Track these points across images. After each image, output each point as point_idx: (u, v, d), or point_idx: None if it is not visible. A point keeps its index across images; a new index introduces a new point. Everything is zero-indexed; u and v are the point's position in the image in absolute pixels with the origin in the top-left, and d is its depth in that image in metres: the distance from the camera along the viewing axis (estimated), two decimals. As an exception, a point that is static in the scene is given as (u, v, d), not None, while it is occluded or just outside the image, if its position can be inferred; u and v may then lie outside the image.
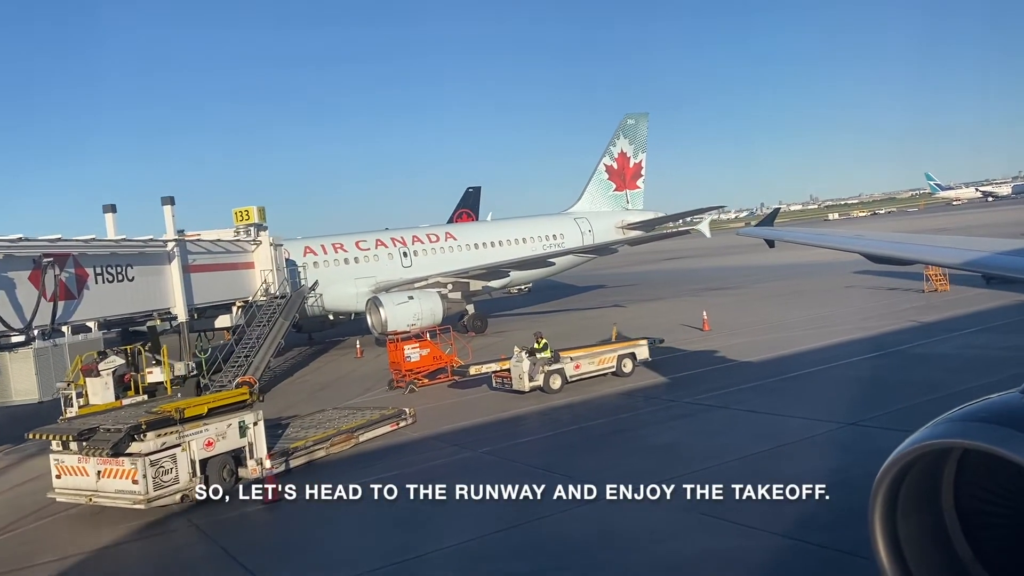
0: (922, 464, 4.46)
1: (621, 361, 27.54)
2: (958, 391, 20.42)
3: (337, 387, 32.35)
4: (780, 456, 17.17)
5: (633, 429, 21.04)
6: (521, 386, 25.77)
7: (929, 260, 13.16)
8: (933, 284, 41.64)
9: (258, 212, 38.67)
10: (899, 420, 18.67)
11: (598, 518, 14.76)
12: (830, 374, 24.98)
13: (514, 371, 26.16)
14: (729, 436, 19.31)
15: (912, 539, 4.52)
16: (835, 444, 17.61)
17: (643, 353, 28.35)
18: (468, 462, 19.17)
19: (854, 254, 14.78)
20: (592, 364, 27.11)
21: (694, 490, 15.34)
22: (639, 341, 28.89)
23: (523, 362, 25.87)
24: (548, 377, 25.86)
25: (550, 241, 50.95)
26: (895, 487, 4.51)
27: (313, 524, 16.44)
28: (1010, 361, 23.56)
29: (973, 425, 4.27)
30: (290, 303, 35.82)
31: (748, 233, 22.61)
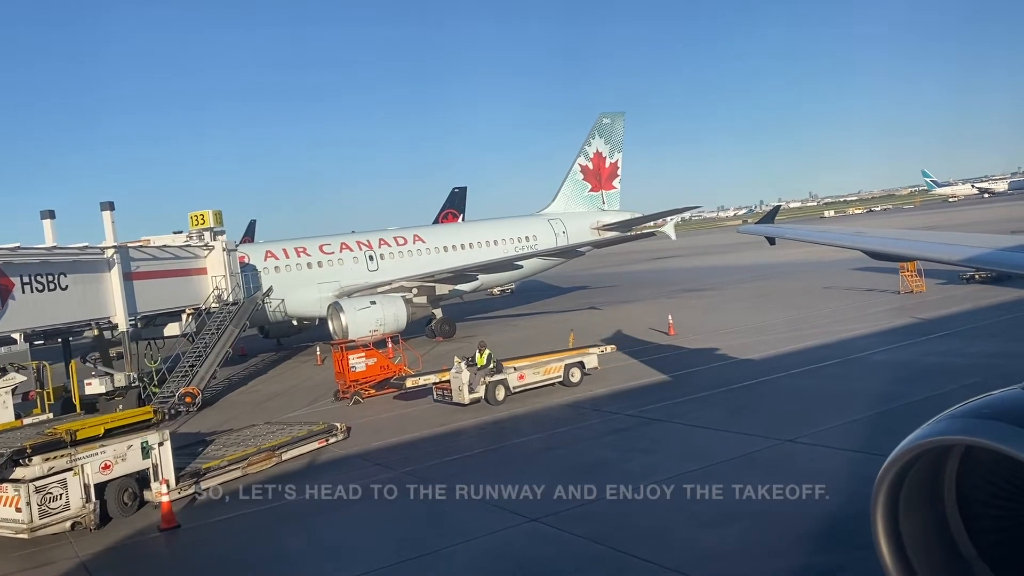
0: (924, 461, 4.39)
1: (568, 370, 26.45)
2: (903, 404, 19.54)
3: (286, 397, 31.31)
4: (707, 477, 16.09)
5: (567, 445, 19.99)
6: (461, 398, 24.70)
7: (929, 257, 12.86)
8: (909, 285, 40.61)
9: (214, 216, 37.66)
10: (837, 437, 17.70)
11: (492, 550, 13.74)
12: (781, 384, 23.93)
13: (453, 383, 25.03)
14: (660, 454, 18.29)
15: (915, 536, 4.45)
16: (765, 464, 16.55)
17: (592, 362, 27.28)
18: (381, 486, 18.10)
19: (854, 251, 14.52)
20: (537, 374, 26.01)
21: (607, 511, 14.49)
22: (588, 349, 27.80)
23: (463, 373, 24.75)
24: (490, 388, 24.79)
25: (522, 243, 49.84)
26: (897, 485, 4.44)
27: (204, 556, 15.46)
28: (967, 370, 22.52)
29: (975, 422, 4.19)
30: (241, 310, 34.80)
31: (748, 231, 21.92)
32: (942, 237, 13.37)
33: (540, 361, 26.76)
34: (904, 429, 15.55)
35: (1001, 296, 35.80)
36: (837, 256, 42.98)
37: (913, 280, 40.67)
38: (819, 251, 62.23)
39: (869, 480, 14.27)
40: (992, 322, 29.91)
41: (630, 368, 28.95)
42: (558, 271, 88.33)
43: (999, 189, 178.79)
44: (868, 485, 13.97)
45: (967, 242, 12.02)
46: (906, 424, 16.04)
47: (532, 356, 27.64)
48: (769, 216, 24.08)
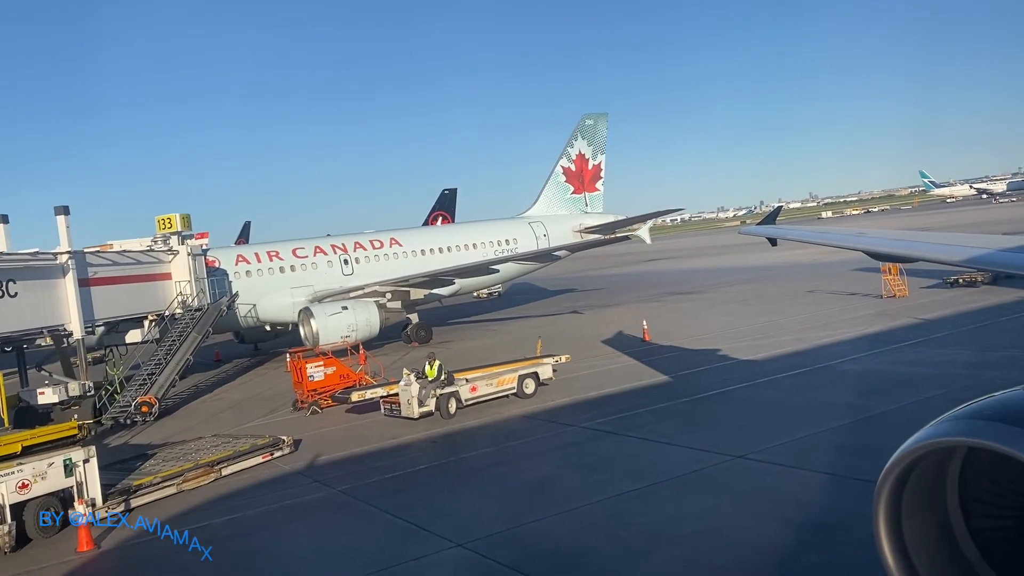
0: (926, 462, 4.37)
1: (523, 382, 25.64)
2: (860, 419, 18.90)
3: (246, 406, 30.58)
4: (646, 498, 15.38)
5: (513, 461, 19.24)
6: (410, 412, 23.69)
7: (930, 258, 12.41)
8: (891, 289, 39.84)
9: (181, 220, 36.98)
10: (786, 453, 16.96)
11: None
12: (743, 395, 23.18)
13: (402, 396, 24.00)
14: (605, 471, 17.52)
15: (917, 538, 4.45)
16: (708, 484, 15.81)
17: (546, 372, 26.48)
18: (313, 505, 17.41)
19: (855, 252, 14.30)
20: (490, 386, 25.14)
21: (535, 536, 13.77)
22: (542, 360, 26.98)
23: (412, 386, 23.76)
24: (442, 401, 23.89)
25: (502, 246, 49.06)
26: (899, 486, 4.42)
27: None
28: (932, 381, 21.77)
29: (978, 423, 4.18)
30: (205, 317, 34.07)
31: (750, 232, 21.51)
32: (942, 238, 13.25)
33: (493, 372, 25.88)
34: (856, 446, 14.85)
35: (983, 301, 35.08)
36: (837, 257, 42.27)
37: (895, 284, 39.91)
38: (820, 252, 61.79)
39: (809, 505, 13.50)
40: (968, 329, 29.14)
41: (595, 376, 28.21)
42: (548, 273, 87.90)
43: (997, 190, 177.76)
44: (807, 510, 13.19)
45: (967, 243, 11.96)
46: (859, 440, 15.35)
47: (485, 367, 26.81)
48: (771, 217, 23.42)
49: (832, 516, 13.32)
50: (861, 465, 15.55)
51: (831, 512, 13.54)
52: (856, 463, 15.75)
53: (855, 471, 15.19)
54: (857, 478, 14.87)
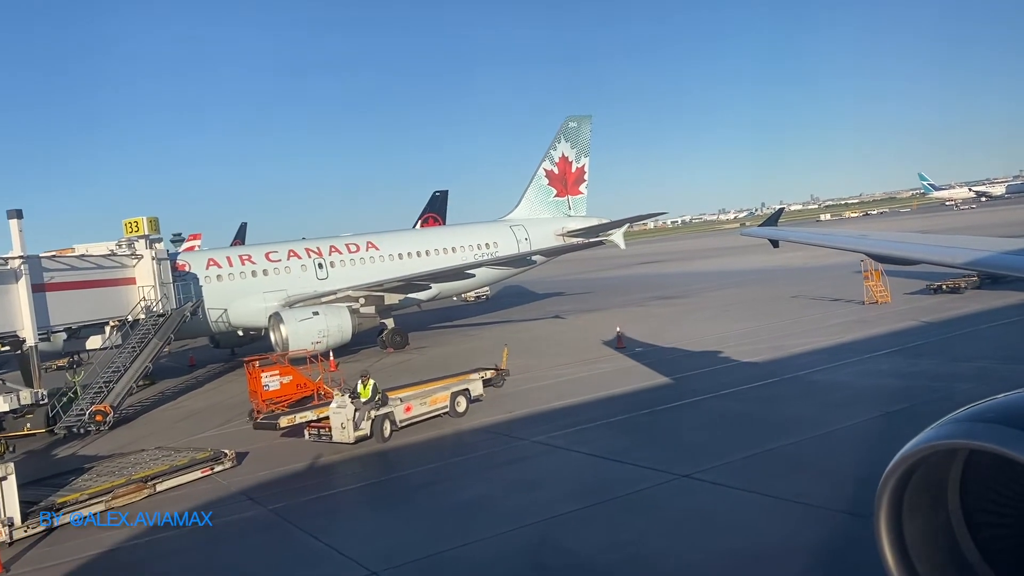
0: (928, 465, 4.35)
1: (455, 399, 24.22)
2: (818, 435, 18.17)
3: (205, 416, 29.79)
4: (580, 521, 14.60)
5: (452, 479, 18.44)
6: (344, 437, 21.70)
7: (932, 260, 12.21)
8: (873, 295, 39.00)
9: (148, 223, 36.24)
10: (735, 473, 16.16)
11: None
12: (706, 406, 22.38)
13: (334, 419, 21.95)
14: (545, 490, 16.74)
15: (918, 540, 4.44)
16: (645, 506, 15.04)
17: (477, 389, 25.20)
18: (237, 526, 16.61)
19: (856, 254, 13.53)
20: (424, 405, 23.61)
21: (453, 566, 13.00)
22: (470, 375, 25.80)
23: (346, 408, 21.83)
24: (376, 424, 21.98)
25: (482, 250, 48.26)
26: (900, 488, 4.40)
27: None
28: (900, 393, 20.97)
29: (979, 426, 4.17)
30: (167, 323, 33.29)
31: (752, 233, 21.15)
32: (944, 240, 13.12)
33: (426, 390, 24.62)
34: (807, 465, 13.94)
35: (964, 308, 34.25)
36: (836, 260, 41.42)
37: (878, 290, 39.07)
38: (819, 255, 60.94)
39: (741, 531, 12.64)
40: (944, 338, 28.33)
41: (560, 386, 27.46)
42: (537, 276, 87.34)
43: (997, 192, 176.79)
44: (739, 537, 12.37)
45: (970, 245, 11.83)
46: (811, 459, 14.48)
47: (418, 384, 25.66)
48: (772, 219, 23.25)
49: (763, 544, 12.54)
50: (807, 488, 14.82)
51: (763, 539, 12.76)
52: (802, 485, 14.98)
53: (799, 494, 14.40)
54: (799, 502, 14.11)
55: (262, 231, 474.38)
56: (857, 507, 13.42)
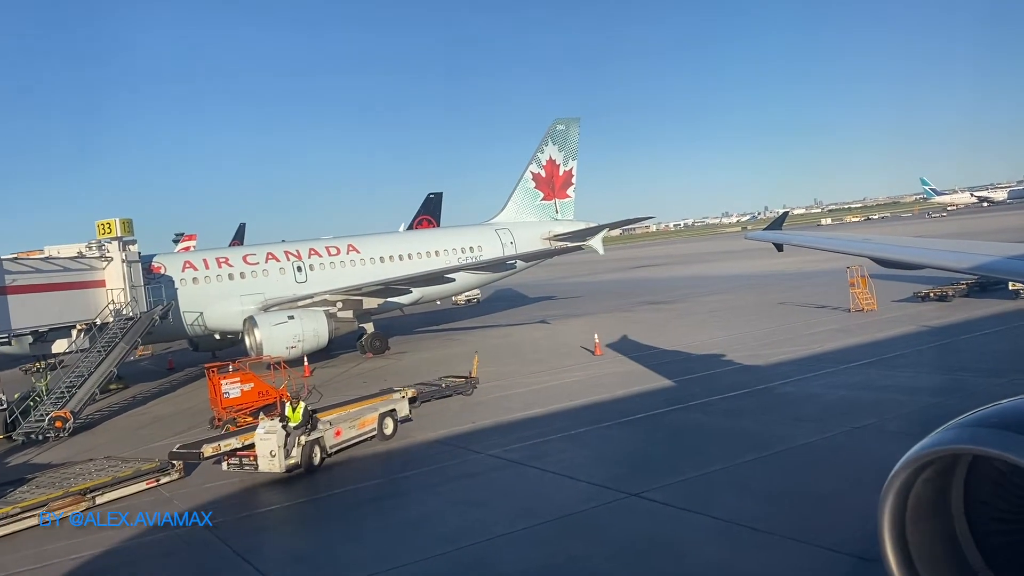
0: (932, 470, 4.33)
1: (382, 421, 22.50)
2: (783, 451, 17.41)
3: (169, 422, 29.12)
4: (518, 543, 13.92)
5: (401, 494, 17.78)
6: (272, 467, 19.30)
7: (936, 264, 12.20)
8: (859, 303, 38.30)
9: (121, 225, 35.57)
10: (687, 492, 15.50)
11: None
12: (670, 419, 21.69)
13: (262, 447, 19.51)
14: (491, 508, 16.08)
15: (921, 545, 4.39)
16: (590, 527, 14.35)
17: (403, 409, 23.50)
18: (168, 544, 15.91)
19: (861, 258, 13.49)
20: (353, 428, 21.64)
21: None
22: (393, 395, 24.04)
23: (275, 434, 19.47)
24: (306, 450, 19.77)
25: (466, 254, 47.56)
26: (904, 493, 4.38)
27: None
28: (871, 407, 20.25)
29: (983, 431, 4.11)
30: (136, 326, 32.64)
31: (756, 237, 20.86)
32: (950, 245, 13.00)
33: (352, 412, 22.67)
34: (762, 486, 13.21)
35: (948, 317, 33.55)
36: (837, 264, 40.66)
37: (863, 297, 38.36)
38: (819, 260, 60.43)
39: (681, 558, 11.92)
40: (923, 348, 27.63)
41: (530, 395, 26.80)
42: (530, 279, 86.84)
43: (998, 198, 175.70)
44: (679, 565, 11.65)
45: (975, 250, 11.77)
46: (768, 479, 13.75)
47: (345, 404, 23.86)
48: (777, 223, 23.14)
49: (696, 573, 11.87)
50: (757, 510, 14.15)
51: (697, 567, 12.09)
52: (753, 507, 14.30)
53: (748, 517, 13.71)
54: (747, 525, 13.41)
55: (261, 232, 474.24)
56: (802, 534, 12.77)
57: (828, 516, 13.51)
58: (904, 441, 15.18)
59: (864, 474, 15.48)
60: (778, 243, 18.48)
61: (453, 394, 27.62)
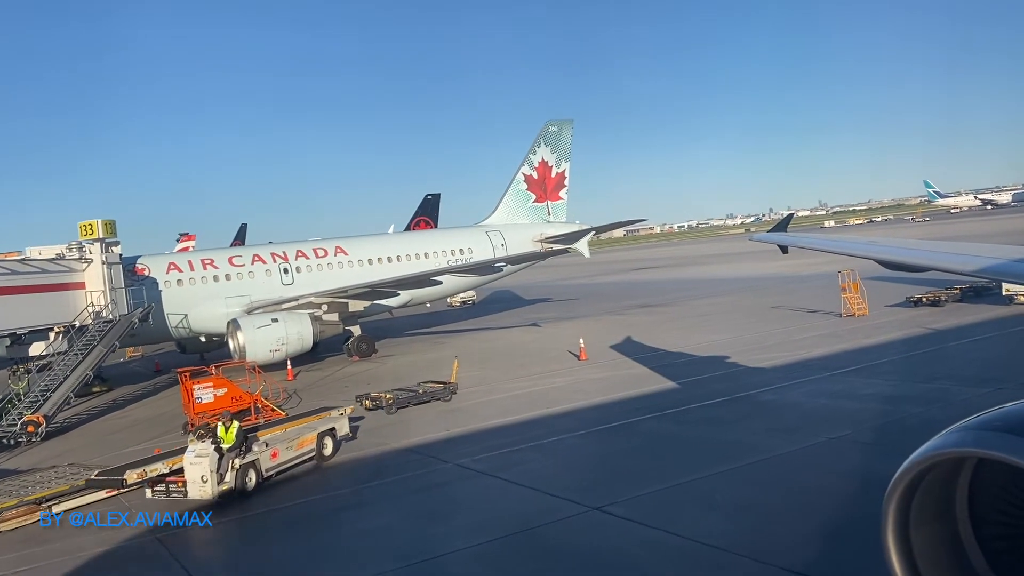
0: (936, 473, 4.29)
1: (322, 440, 20.75)
2: (755, 463, 16.94)
3: (144, 427, 28.72)
4: (468, 563, 13.45)
5: (361, 506, 17.31)
6: (203, 493, 17.55)
7: (941, 267, 12.07)
8: (851, 308, 37.74)
9: (103, 226, 35.18)
10: (650, 506, 15.04)
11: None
12: (645, 428, 21.17)
13: (192, 472, 17.73)
14: (450, 522, 15.60)
15: (925, 549, 4.37)
16: (547, 544, 13.86)
17: (343, 427, 22.04)
18: (118, 556, 15.47)
19: (866, 261, 13.85)
20: (290, 449, 19.72)
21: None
22: (331, 412, 22.40)
23: (207, 458, 17.73)
24: (241, 474, 18.08)
25: (456, 256, 47.09)
26: (908, 496, 4.33)
27: None
28: (849, 417, 19.78)
29: (987, 434, 4.09)
30: (113, 330, 32.23)
31: (761, 239, 20.63)
32: (955, 247, 12.86)
33: (291, 431, 21.00)
34: (727, 499, 12.74)
35: (939, 322, 32.99)
36: (834, 268, 40.22)
37: (855, 302, 37.81)
38: (817, 263, 60.08)
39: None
40: (909, 355, 27.08)
41: (507, 402, 26.34)
42: (528, 280, 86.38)
43: (1003, 201, 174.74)
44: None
45: (980, 252, 11.62)
46: (734, 492, 13.27)
47: (284, 423, 22.41)
48: (782, 224, 22.95)
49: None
50: (717, 526, 13.66)
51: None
52: (714, 523, 13.81)
53: (705, 533, 13.23)
54: (704, 543, 12.92)
55: (263, 232, 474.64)
56: (759, 553, 12.27)
57: (788, 535, 13.02)
58: (877, 453, 14.75)
59: (831, 488, 15.04)
60: (783, 245, 18.31)
61: (431, 400, 27.17)
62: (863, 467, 15.55)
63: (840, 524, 12.88)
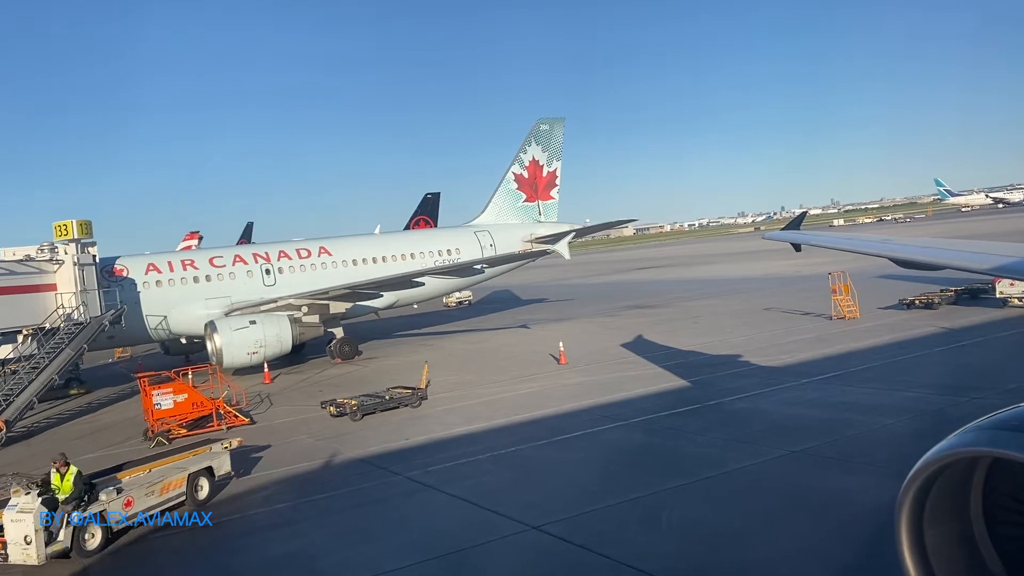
0: (950, 472, 4.25)
1: (195, 483, 17.79)
2: (711, 477, 16.18)
3: (109, 433, 28.12)
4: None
5: (299, 521, 16.49)
6: (26, 558, 14.43)
7: (957, 265, 11.84)
8: (841, 310, 36.78)
9: (79, 226, 34.70)
10: (590, 526, 14.26)
11: None
12: (606, 437, 20.38)
13: (13, 531, 14.62)
14: (385, 540, 14.88)
15: (939, 548, 4.33)
16: (476, 566, 13.12)
17: (224, 466, 19.04)
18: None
19: (880, 259, 13.80)
20: (151, 495, 16.67)
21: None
22: (211, 447, 19.47)
23: (30, 513, 14.61)
24: (78, 533, 15.02)
25: (443, 256, 46.39)
26: (922, 495, 4.30)
27: None
28: (817, 428, 18.92)
29: (1003, 434, 4.05)
30: (82, 333, 31.66)
31: (774, 237, 20.27)
32: (970, 246, 12.61)
33: (154, 472, 17.79)
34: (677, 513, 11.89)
35: (929, 327, 31.92)
36: (846, 266, 39.38)
37: (845, 305, 36.84)
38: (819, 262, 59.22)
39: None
40: (892, 362, 26.04)
41: (476, 408, 25.58)
42: (526, 280, 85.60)
43: (1014, 199, 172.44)
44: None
45: (996, 251, 11.42)
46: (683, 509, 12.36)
47: (147, 462, 18.85)
48: (795, 223, 22.63)
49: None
50: (654, 548, 12.85)
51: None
52: (652, 545, 13.01)
53: (643, 558, 12.41)
54: (635, 567, 12.11)
55: (269, 231, 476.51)
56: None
57: (728, 560, 12.20)
58: (834, 470, 13.78)
59: (779, 508, 14.21)
60: (796, 243, 18.10)
61: (400, 406, 26.45)
62: (818, 483, 14.75)
63: (770, 554, 12.11)
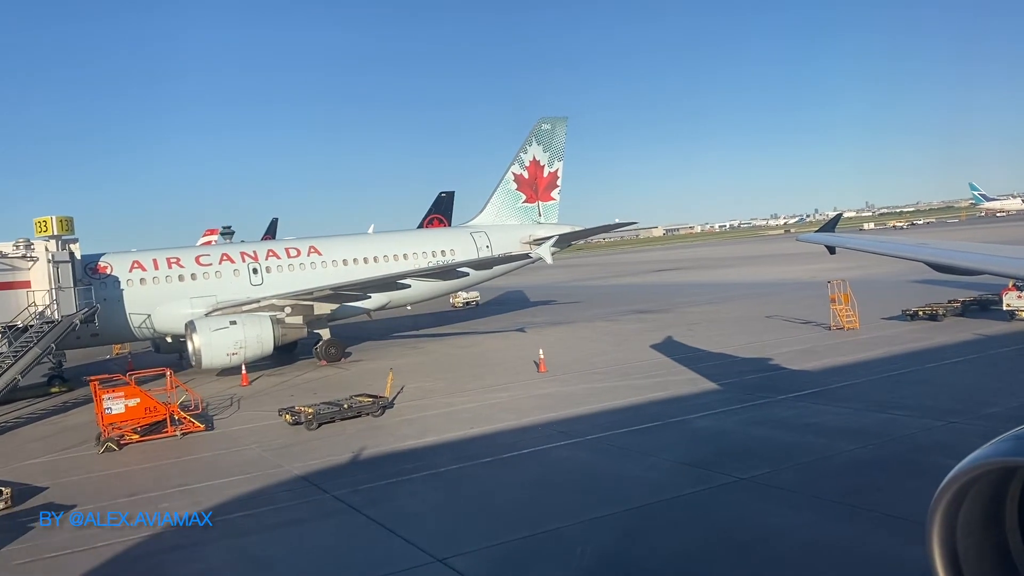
0: (985, 482, 4.20)
1: None
2: (650, 504, 15.15)
3: (69, 435, 27.43)
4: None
5: (190, 546, 15.26)
6: None
7: (995, 271, 11.50)
8: (840, 321, 35.21)
9: (59, 223, 34.31)
10: (500, 560, 13.19)
11: None
12: (553, 456, 19.24)
13: None
14: (281, 570, 13.87)
15: (972, 558, 4.28)
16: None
17: None
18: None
19: (915, 263, 13.51)
20: None
21: None
22: None
23: None
24: None
25: (437, 257, 45.40)
26: (955, 505, 4.25)
27: None
28: (779, 451, 17.70)
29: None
30: (52, 331, 31.10)
31: (808, 239, 19.92)
32: (1008, 251, 12.19)
33: None
34: (593, 547, 10.00)
35: (927, 340, 30.38)
36: (854, 275, 38.08)
37: (844, 315, 35.26)
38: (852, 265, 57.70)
39: None
40: (877, 378, 24.53)
41: (435, 420, 24.60)
42: (538, 281, 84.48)
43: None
44: None
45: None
46: (600, 542, 10.08)
47: None
48: (830, 224, 22.35)
49: None
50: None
51: None
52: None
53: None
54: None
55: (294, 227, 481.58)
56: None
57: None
58: (776, 502, 12.41)
59: (702, 545, 12.99)
60: (831, 246, 17.78)
61: (360, 415, 25.49)
62: (749, 520, 13.50)
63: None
